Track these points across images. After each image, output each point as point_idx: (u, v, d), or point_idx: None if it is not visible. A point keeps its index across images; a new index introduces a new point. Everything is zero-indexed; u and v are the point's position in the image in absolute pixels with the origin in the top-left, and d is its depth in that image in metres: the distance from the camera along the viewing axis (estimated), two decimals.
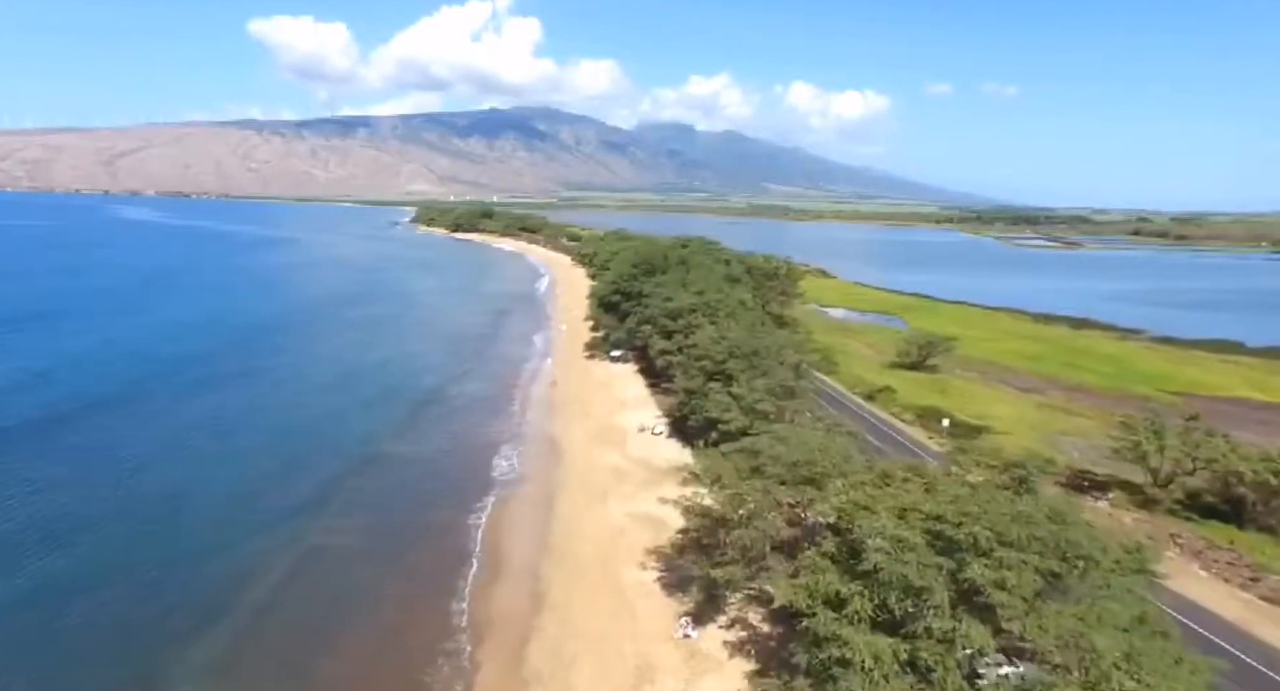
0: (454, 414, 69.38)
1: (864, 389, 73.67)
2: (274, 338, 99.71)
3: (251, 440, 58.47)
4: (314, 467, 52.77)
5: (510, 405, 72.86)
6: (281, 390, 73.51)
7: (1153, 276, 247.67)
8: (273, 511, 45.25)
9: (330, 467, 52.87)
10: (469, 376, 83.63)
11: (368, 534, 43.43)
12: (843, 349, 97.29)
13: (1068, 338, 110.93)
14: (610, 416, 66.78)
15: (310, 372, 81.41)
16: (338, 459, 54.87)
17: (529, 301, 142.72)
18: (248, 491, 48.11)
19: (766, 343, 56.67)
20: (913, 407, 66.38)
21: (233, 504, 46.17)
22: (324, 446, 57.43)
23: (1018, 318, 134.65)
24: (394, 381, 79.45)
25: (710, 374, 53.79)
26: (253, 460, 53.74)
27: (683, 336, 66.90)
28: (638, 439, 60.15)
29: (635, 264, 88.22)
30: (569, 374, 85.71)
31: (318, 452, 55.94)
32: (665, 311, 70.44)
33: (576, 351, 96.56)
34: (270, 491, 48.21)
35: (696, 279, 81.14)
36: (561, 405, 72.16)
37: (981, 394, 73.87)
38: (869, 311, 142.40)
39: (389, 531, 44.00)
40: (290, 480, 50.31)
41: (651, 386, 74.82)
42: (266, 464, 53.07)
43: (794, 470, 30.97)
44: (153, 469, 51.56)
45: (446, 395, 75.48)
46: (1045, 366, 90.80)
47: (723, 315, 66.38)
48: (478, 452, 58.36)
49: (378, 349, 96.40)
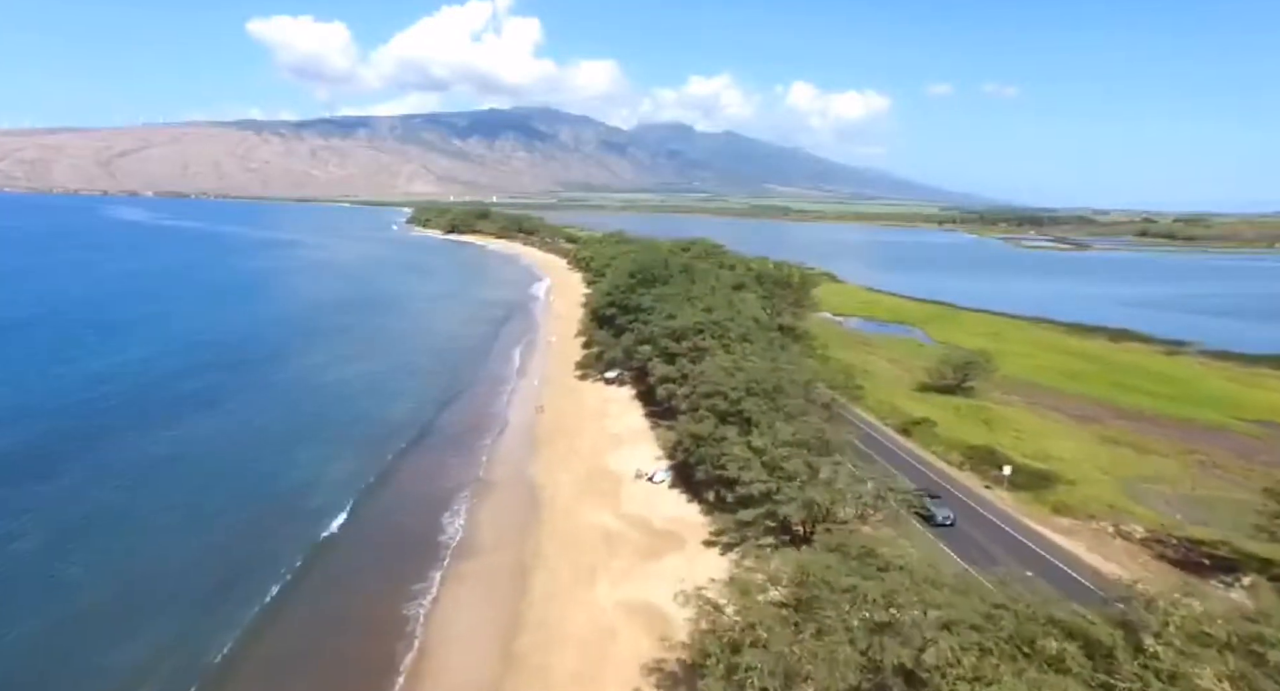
0: (420, 450, 59.44)
1: (897, 420, 63.73)
2: (235, 355, 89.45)
3: (158, 509, 45.32)
4: (229, 545, 41.55)
5: (486, 439, 62.91)
6: (225, 427, 62.77)
7: (1173, 280, 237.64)
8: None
9: (253, 542, 42.20)
10: (445, 401, 73.66)
11: (297, 631, 33.46)
12: (864, 367, 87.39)
13: (1109, 352, 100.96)
14: (602, 456, 56.88)
15: (266, 401, 70.80)
16: (272, 521, 44.92)
17: (520, 310, 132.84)
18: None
19: (791, 374, 46.69)
20: (959, 446, 56.43)
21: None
22: (252, 512, 46.39)
23: (1047, 327, 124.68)
24: (360, 409, 69.42)
25: (723, 415, 43.92)
26: (150, 541, 41.67)
27: (688, 361, 57.03)
28: (634, 488, 50.24)
29: (633, 273, 78.20)
30: (558, 397, 75.85)
31: (243, 523, 45.19)
32: (667, 331, 60.52)
33: (567, 368, 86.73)
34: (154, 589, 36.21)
35: (702, 291, 71.26)
36: (546, 440, 62.25)
37: (1032, 425, 63.90)
38: (886, 320, 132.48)
39: (313, 626, 34.08)
40: (183, 565, 39.19)
41: (650, 415, 64.99)
42: (162, 546, 41.96)
43: (865, 608, 20.78)
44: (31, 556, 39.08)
45: (416, 425, 65.52)
46: (1092, 386, 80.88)
47: (735, 337, 56.40)
48: (438, 504, 48.39)
49: (350, 367, 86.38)
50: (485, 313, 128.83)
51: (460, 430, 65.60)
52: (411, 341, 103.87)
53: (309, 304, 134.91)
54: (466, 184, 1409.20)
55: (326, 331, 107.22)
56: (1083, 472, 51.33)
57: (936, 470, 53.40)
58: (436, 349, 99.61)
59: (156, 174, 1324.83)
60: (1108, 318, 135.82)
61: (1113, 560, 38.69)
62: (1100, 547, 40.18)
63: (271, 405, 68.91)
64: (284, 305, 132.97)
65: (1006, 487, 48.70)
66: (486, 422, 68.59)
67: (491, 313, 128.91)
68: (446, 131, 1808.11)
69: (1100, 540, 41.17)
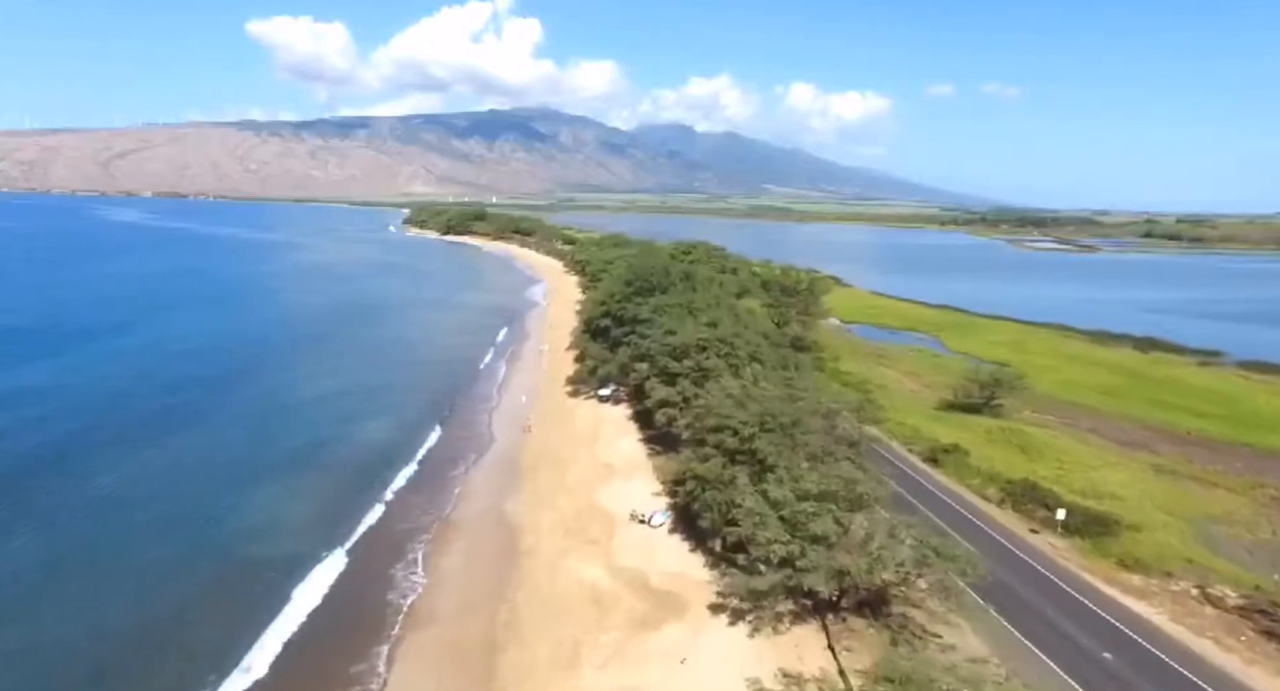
0: (386, 481, 52.64)
1: (923, 446, 57.02)
2: (197, 372, 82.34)
3: (69, 575, 37.78)
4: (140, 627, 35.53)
5: (461, 466, 56.28)
6: (173, 460, 55.16)
7: (1188, 283, 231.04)
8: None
9: (174, 620, 35.77)
10: (422, 421, 66.95)
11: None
12: (880, 382, 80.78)
13: (1141, 364, 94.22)
14: (593, 490, 50.16)
15: (225, 428, 62.82)
16: (200, 586, 38.31)
17: (511, 316, 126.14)
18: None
19: (811, 404, 39.95)
20: (996, 479, 49.70)
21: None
22: (183, 576, 39.20)
23: (1069, 335, 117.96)
24: (328, 432, 62.65)
25: (732, 453, 37.23)
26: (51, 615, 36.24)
27: (690, 383, 50.38)
28: (629, 533, 43.54)
29: (629, 281, 71.38)
30: (547, 416, 69.25)
31: (166, 594, 38.30)
32: (666, 348, 53.80)
33: (558, 383, 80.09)
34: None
35: (705, 300, 64.58)
36: (530, 468, 55.58)
37: (1075, 452, 57.20)
38: (898, 328, 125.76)
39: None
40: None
41: (647, 440, 58.33)
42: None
43: None
44: None
45: (385, 451, 58.86)
46: (1130, 405, 74.20)
47: (743, 356, 49.69)
48: (393, 553, 41.71)
49: (324, 382, 79.58)
50: (474, 320, 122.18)
51: (435, 455, 58.94)
52: (394, 353, 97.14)
53: (289, 312, 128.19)
54: (466, 185, 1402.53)
55: (303, 342, 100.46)
56: (1144, 514, 44.64)
57: (972, 508, 46.75)
58: (419, 361, 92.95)
59: (155, 174, 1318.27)
60: (1129, 324, 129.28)
61: (1207, 635, 32.05)
62: (1187, 617, 33.51)
63: (230, 432, 61.64)
64: (262, 313, 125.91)
65: (1059, 532, 41.99)
66: (466, 445, 61.95)
67: (481, 320, 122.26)
68: (446, 132, 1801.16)
69: (1185, 607, 34.50)
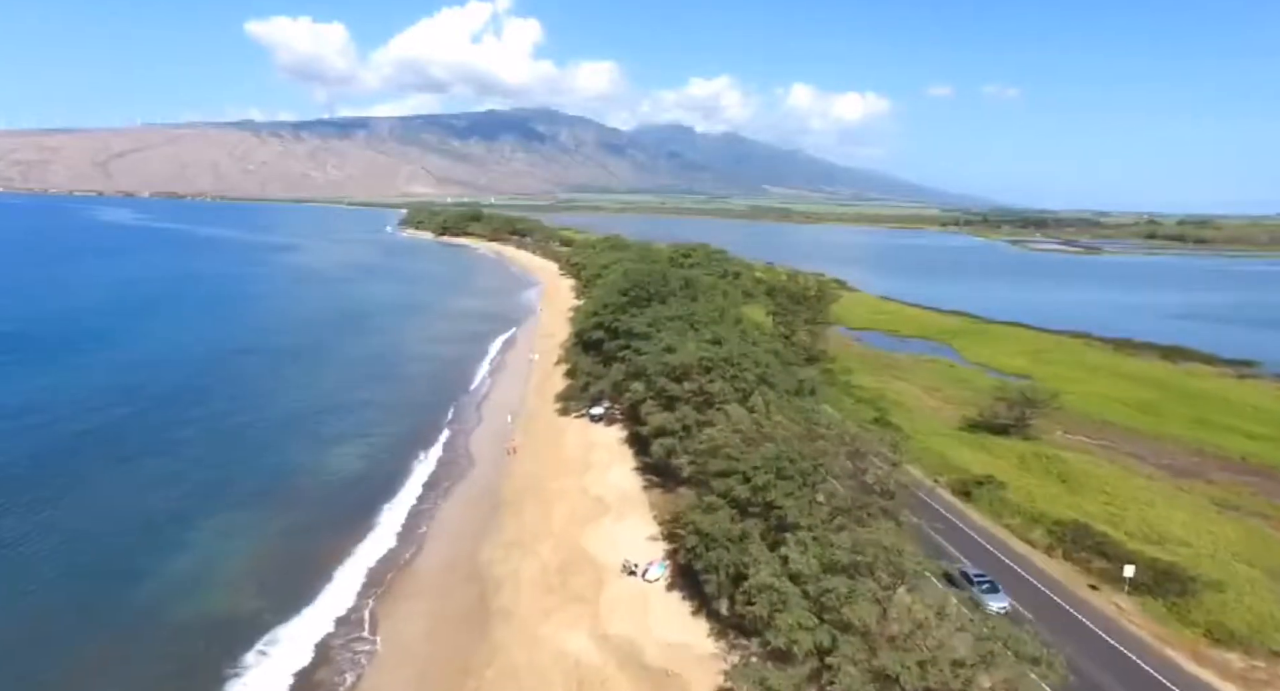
0: (341, 518, 46.51)
1: (952, 476, 50.91)
2: (152, 387, 75.90)
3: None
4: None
5: (432, 498, 50.23)
6: (101, 502, 48.47)
7: (1202, 287, 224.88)
8: None
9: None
10: (395, 443, 60.91)
11: None
12: (896, 397, 74.63)
13: (1173, 376, 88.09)
14: (581, 532, 44.06)
15: (168, 455, 55.88)
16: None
17: (502, 323, 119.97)
18: None
19: (835, 442, 33.85)
20: (1041, 519, 43.56)
21: None
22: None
23: (1090, 344, 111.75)
24: (288, 460, 56.59)
25: (742, 504, 31.15)
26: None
27: (692, 409, 44.33)
28: (620, 589, 37.44)
29: (625, 290, 65.16)
30: (534, 436, 63.23)
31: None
32: (665, 368, 47.68)
33: (548, 397, 74.00)
34: None
35: (707, 311, 58.47)
36: (513, 502, 49.48)
37: (1121, 483, 51.02)
38: (908, 335, 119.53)
39: None
40: None
41: (643, 470, 52.23)
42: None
43: None
44: None
45: (348, 481, 52.79)
46: (1171, 424, 68.07)
47: (751, 378, 43.59)
48: (337, 613, 35.70)
49: (293, 399, 73.49)
50: (463, 327, 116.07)
51: (407, 483, 52.86)
52: (374, 365, 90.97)
53: (266, 320, 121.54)
54: (465, 185, 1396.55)
55: (279, 354, 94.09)
56: (1221, 566, 38.47)
57: (1017, 556, 40.62)
58: (401, 374, 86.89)
59: (154, 175, 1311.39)
60: (1149, 331, 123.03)
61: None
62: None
63: (172, 461, 54.53)
64: (239, 321, 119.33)
65: (1126, 591, 35.90)
66: (443, 469, 55.98)
67: (470, 327, 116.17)
68: (445, 133, 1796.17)
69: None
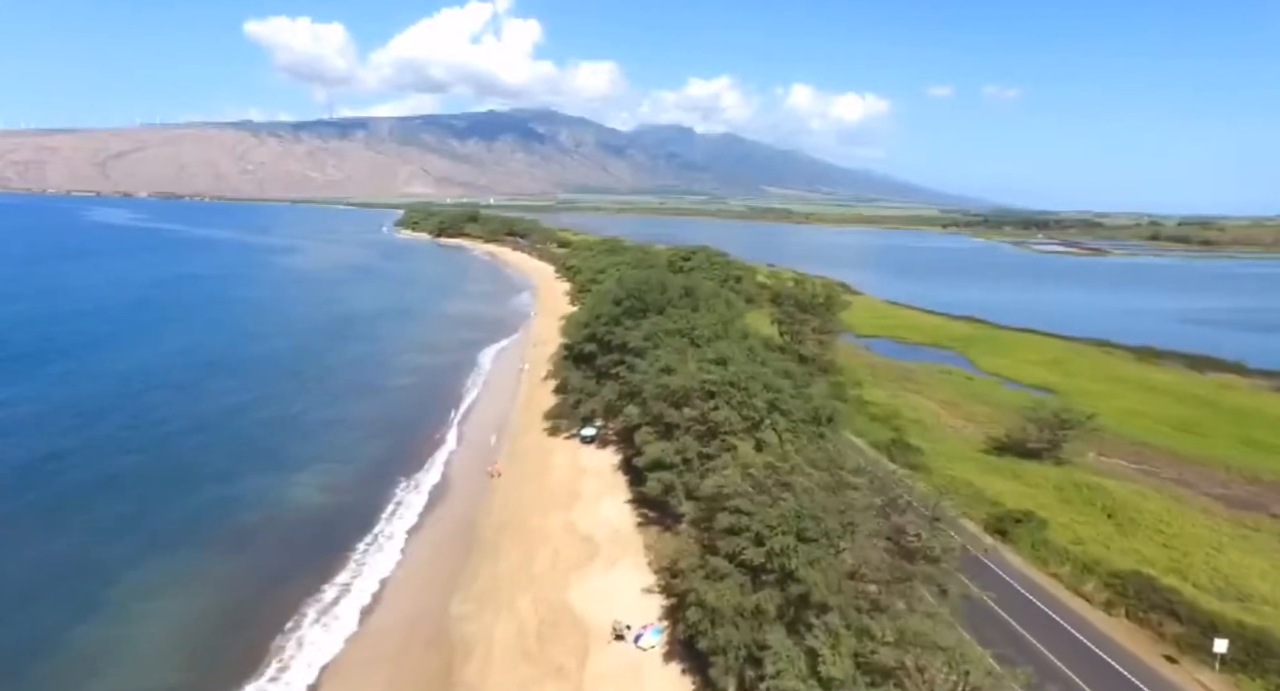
0: (292, 563, 40.96)
1: (983, 510, 45.21)
2: (100, 401, 71.04)
3: None
4: None
5: (394, 532, 44.63)
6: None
7: (1215, 290, 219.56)
8: None
9: None
10: (365, 469, 55.36)
11: None
12: (913, 414, 69.07)
13: (1206, 389, 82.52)
14: (566, 582, 38.46)
15: (103, 488, 50.99)
16: None
17: (493, 330, 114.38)
18: None
19: (868, 494, 28.16)
20: (1094, 567, 37.96)
21: None
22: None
23: (1110, 352, 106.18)
24: (240, 491, 50.99)
25: (755, 571, 25.58)
26: None
27: (693, 440, 38.78)
28: (609, 659, 31.80)
29: (619, 299, 59.47)
30: (519, 458, 57.76)
31: None
32: (662, 391, 42.09)
33: (537, 414, 68.47)
34: None
35: (708, 323, 52.86)
36: (490, 542, 43.86)
37: (1178, 519, 45.37)
38: (918, 342, 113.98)
39: None
40: None
41: (637, 503, 46.66)
42: None
43: None
44: None
45: (307, 516, 47.20)
46: (1216, 445, 62.46)
47: (761, 404, 37.97)
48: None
49: (259, 417, 67.91)
50: (450, 335, 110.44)
51: (374, 519, 47.25)
52: (353, 376, 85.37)
53: (249, 326, 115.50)
54: (465, 185, 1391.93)
55: (254, 365, 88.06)
56: None
57: (1072, 616, 34.95)
58: (381, 386, 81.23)
59: (152, 175, 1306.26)
60: (1170, 337, 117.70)
61: None
62: None
63: (107, 497, 48.17)
64: (216, 328, 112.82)
65: (1218, 669, 30.29)
66: (416, 500, 50.37)
67: (458, 335, 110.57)
68: (445, 133, 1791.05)
69: None
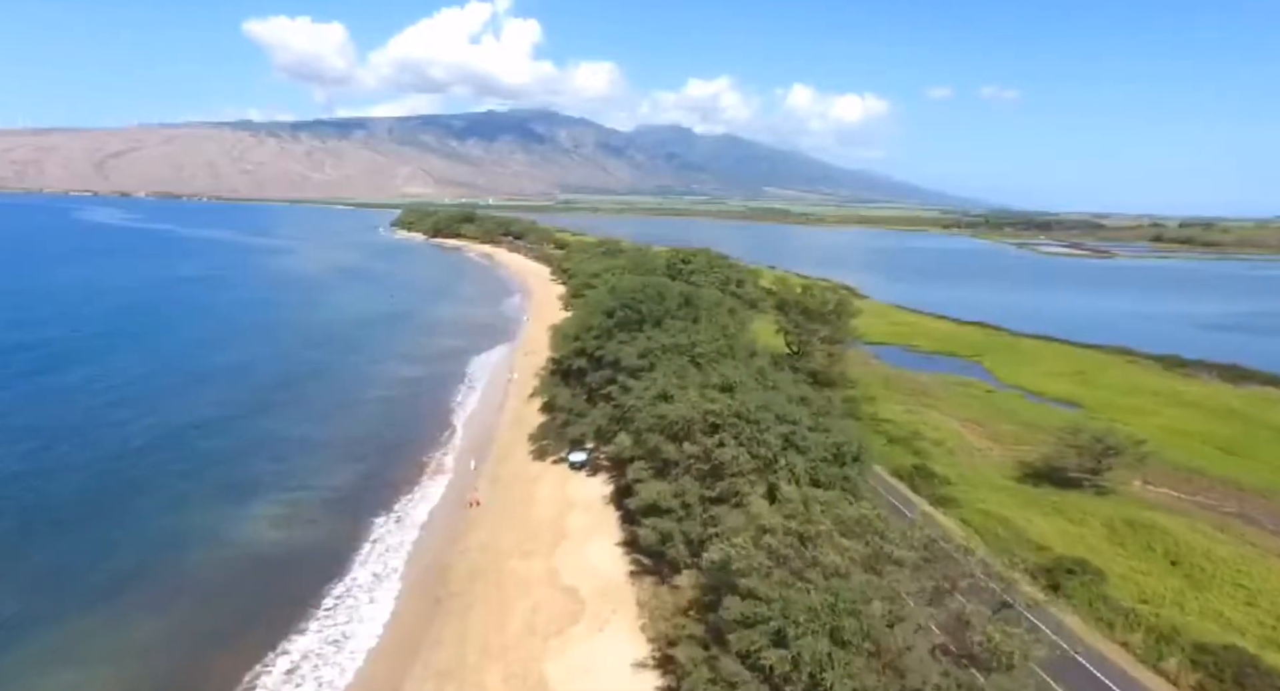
0: (207, 630, 35.18)
1: (1024, 553, 39.27)
2: (48, 422, 65.08)
3: None
4: None
5: (351, 601, 38.77)
6: None
7: (1229, 293, 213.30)
8: None
9: None
10: (328, 502, 49.56)
11: None
12: (934, 433, 63.11)
13: (1248, 404, 76.55)
14: (544, 649, 32.55)
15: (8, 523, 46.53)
16: None
17: (482, 336, 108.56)
18: None
19: (912, 572, 22.24)
20: (1172, 638, 32.11)
21: None
22: None
23: (1135, 361, 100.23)
24: (181, 526, 45.40)
25: (777, 682, 19.70)
26: None
27: (694, 481, 32.98)
28: None
29: (611, 311, 53.52)
30: (501, 484, 52.01)
31: None
32: (659, 422, 36.23)
33: (523, 432, 62.69)
34: None
35: (711, 337, 47.01)
36: (459, 596, 37.98)
37: (1261, 570, 39.28)
38: (930, 351, 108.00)
39: None
40: None
41: (630, 545, 40.82)
42: None
43: None
44: None
45: (258, 558, 41.41)
46: (1268, 469, 56.69)
47: (774, 441, 32.12)
48: None
49: (215, 438, 62.47)
50: (436, 342, 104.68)
51: (336, 556, 41.49)
52: (328, 389, 79.67)
53: (223, 331, 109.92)
54: (464, 186, 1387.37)
55: (223, 376, 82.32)
56: None
57: None
58: (358, 400, 75.44)
59: (150, 175, 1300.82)
60: (1192, 345, 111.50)
61: None
62: None
63: (17, 535, 43.24)
64: (189, 334, 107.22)
65: None
66: (379, 537, 44.56)
67: (444, 342, 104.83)
68: (444, 133, 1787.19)
69: None
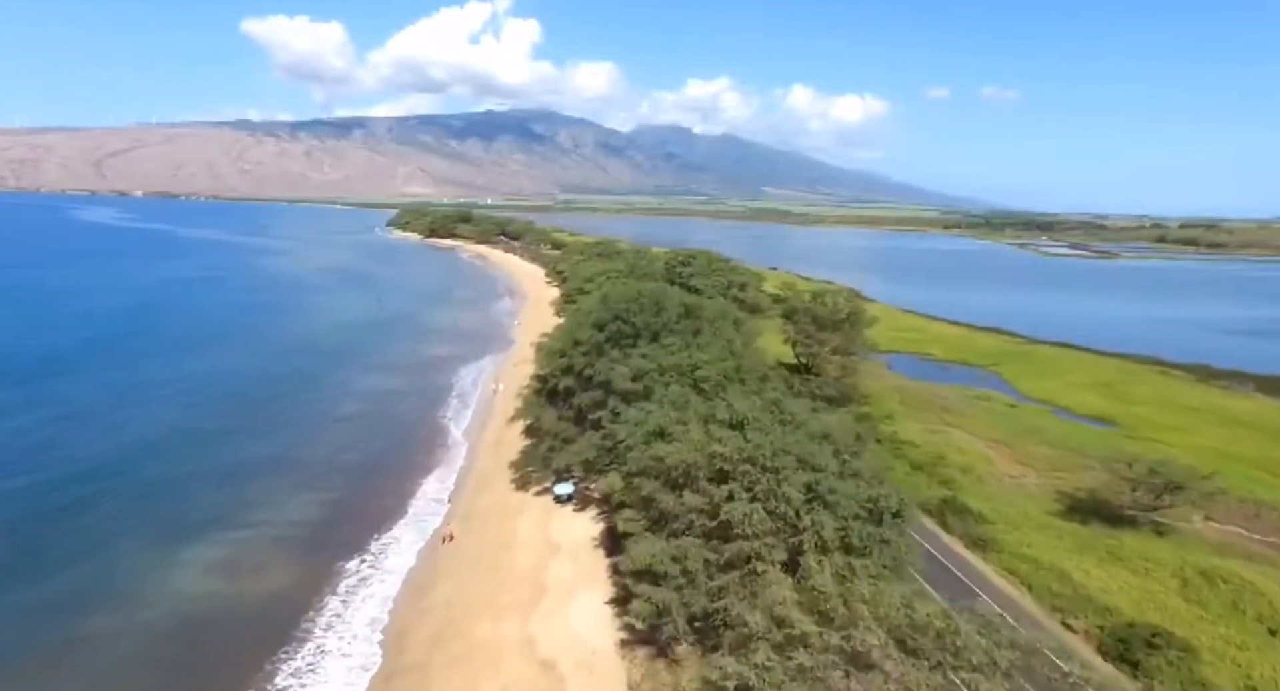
0: None
1: (1091, 620, 33.21)
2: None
3: None
4: None
5: (285, 657, 32.55)
6: None
7: (1245, 296, 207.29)
8: None
9: None
10: (278, 540, 43.37)
11: None
12: (961, 458, 56.79)
13: None
14: None
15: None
16: None
17: (468, 344, 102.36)
18: None
19: (969, 673, 16.24)
20: None
21: None
22: None
23: (1166, 371, 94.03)
24: (106, 570, 39.22)
25: None
26: None
27: (697, 541, 26.83)
28: None
29: (602, 324, 47.24)
30: (478, 522, 45.88)
31: None
32: (655, 465, 30.02)
33: (505, 458, 56.42)
34: None
35: (717, 358, 40.77)
36: (416, 666, 31.71)
37: None
38: (944, 359, 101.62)
39: None
40: None
41: (621, 604, 34.68)
42: None
43: None
44: None
45: (191, 615, 35.21)
46: None
47: (795, 494, 25.96)
48: None
49: (162, 461, 56.36)
50: (418, 351, 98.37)
51: (270, 625, 35.26)
52: (305, 400, 73.36)
53: (198, 337, 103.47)
54: (463, 186, 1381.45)
55: (189, 386, 75.95)
56: None
57: None
58: (328, 415, 69.08)
59: (149, 174, 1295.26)
60: (1220, 353, 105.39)
61: None
62: None
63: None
64: (161, 340, 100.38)
65: None
66: (331, 588, 38.39)
67: (428, 350, 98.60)
68: (443, 133, 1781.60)
69: None
